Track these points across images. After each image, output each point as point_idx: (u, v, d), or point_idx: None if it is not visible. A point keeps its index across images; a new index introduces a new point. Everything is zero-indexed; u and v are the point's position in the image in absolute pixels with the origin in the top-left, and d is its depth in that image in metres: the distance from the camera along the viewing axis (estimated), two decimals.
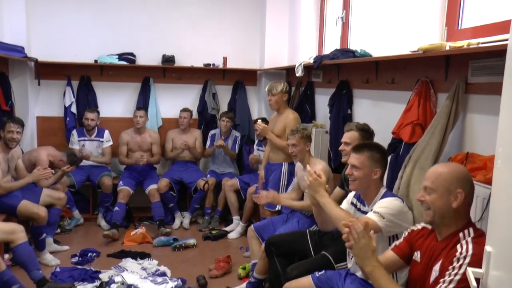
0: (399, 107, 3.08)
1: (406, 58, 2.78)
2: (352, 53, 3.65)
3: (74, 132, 5.56)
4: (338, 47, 4.43)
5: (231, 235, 5.23)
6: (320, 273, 2.82)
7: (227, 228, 5.43)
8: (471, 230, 1.85)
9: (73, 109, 5.75)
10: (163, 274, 4.11)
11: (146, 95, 6.01)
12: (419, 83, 2.91)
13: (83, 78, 5.73)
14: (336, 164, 4.00)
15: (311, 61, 4.15)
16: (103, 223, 5.44)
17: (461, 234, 1.85)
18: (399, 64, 3.17)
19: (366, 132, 3.10)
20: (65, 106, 5.76)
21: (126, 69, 5.86)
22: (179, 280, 3.89)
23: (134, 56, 5.87)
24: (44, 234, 4.32)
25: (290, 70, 5.43)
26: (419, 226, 2.13)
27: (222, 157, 5.86)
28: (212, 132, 5.93)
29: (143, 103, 5.96)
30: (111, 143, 5.66)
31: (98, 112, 5.61)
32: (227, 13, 6.13)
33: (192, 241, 4.97)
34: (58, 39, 5.69)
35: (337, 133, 3.95)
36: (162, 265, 4.35)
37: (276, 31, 5.97)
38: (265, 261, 3.58)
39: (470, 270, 1.62)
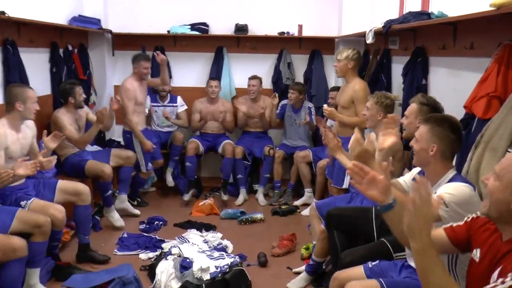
0: (478, 76, 2.62)
1: (483, 17, 2.32)
2: (428, 15, 3.20)
3: (148, 97, 5.59)
4: (419, 9, 3.96)
5: (304, 212, 5.04)
6: (373, 263, 2.55)
7: (298, 202, 5.27)
8: None
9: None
10: (223, 249, 4.04)
11: (219, 65, 5.91)
12: (501, 47, 2.44)
13: (157, 48, 5.75)
14: (408, 141, 3.60)
15: (381, 25, 3.73)
16: (169, 178, 5.48)
17: None
18: (479, 25, 2.70)
19: (427, 106, 2.71)
20: None
21: (199, 39, 5.80)
22: (237, 257, 3.78)
23: (207, 26, 5.77)
24: (110, 191, 4.47)
25: None
26: None
27: (295, 130, 5.63)
28: (283, 102, 5.71)
29: (216, 73, 5.88)
30: (185, 107, 5.70)
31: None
32: None
33: (259, 216, 4.87)
34: (133, 11, 5.76)
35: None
36: (226, 238, 4.30)
37: None
38: (324, 242, 3.37)
39: None
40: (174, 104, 5.67)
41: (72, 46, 5.01)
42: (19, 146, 3.38)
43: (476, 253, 1.67)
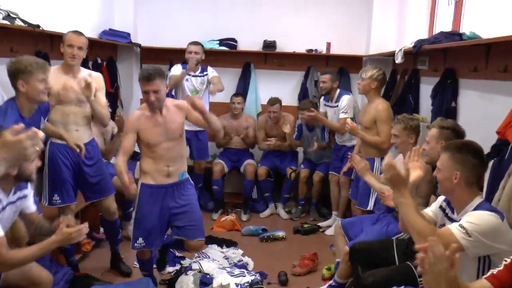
0: None
1: None
2: (459, 36, 3.14)
3: (179, 65, 5.18)
4: (450, 29, 3.90)
5: (328, 232, 4.94)
6: None
7: (324, 223, 5.17)
8: None
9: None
10: (244, 266, 4.00)
11: (246, 80, 5.94)
12: None
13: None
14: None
15: (411, 44, 3.67)
16: None
17: None
18: None
19: (447, 129, 2.66)
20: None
21: (227, 54, 5.83)
22: (258, 275, 3.75)
23: (236, 41, 5.81)
24: (132, 208, 4.46)
25: None
26: None
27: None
28: (298, 122, 5.62)
29: (242, 89, 5.91)
30: (216, 74, 5.16)
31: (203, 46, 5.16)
32: None
33: (281, 234, 4.81)
34: (162, 25, 5.84)
35: None
36: (246, 255, 4.27)
37: (383, 13, 5.47)
38: (348, 265, 3.30)
39: None
40: (205, 73, 5.15)
41: (101, 59, 5.10)
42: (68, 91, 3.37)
43: None
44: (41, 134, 1.84)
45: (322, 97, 5.20)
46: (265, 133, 5.67)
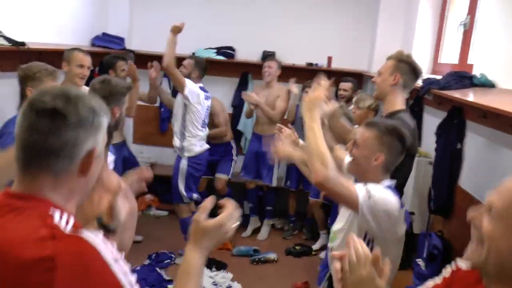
0: None
1: None
2: (470, 79, 2.96)
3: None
4: (457, 59, 3.75)
5: (322, 254, 4.73)
6: None
7: (316, 246, 4.98)
8: None
9: None
10: None
11: (243, 91, 5.74)
12: None
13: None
14: (438, 204, 3.36)
15: (420, 83, 3.43)
16: None
17: None
18: None
19: (405, 63, 2.65)
20: None
21: (225, 64, 5.63)
22: None
23: (234, 50, 5.61)
24: None
25: None
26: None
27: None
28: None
29: (239, 99, 5.71)
30: None
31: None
32: (335, 10, 5.60)
33: (272, 256, 4.70)
34: (158, 31, 5.55)
35: (442, 168, 3.29)
36: (236, 281, 4.15)
37: (388, 31, 5.27)
38: None
39: None
40: None
41: (94, 66, 4.89)
42: None
43: None
44: None
45: None
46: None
